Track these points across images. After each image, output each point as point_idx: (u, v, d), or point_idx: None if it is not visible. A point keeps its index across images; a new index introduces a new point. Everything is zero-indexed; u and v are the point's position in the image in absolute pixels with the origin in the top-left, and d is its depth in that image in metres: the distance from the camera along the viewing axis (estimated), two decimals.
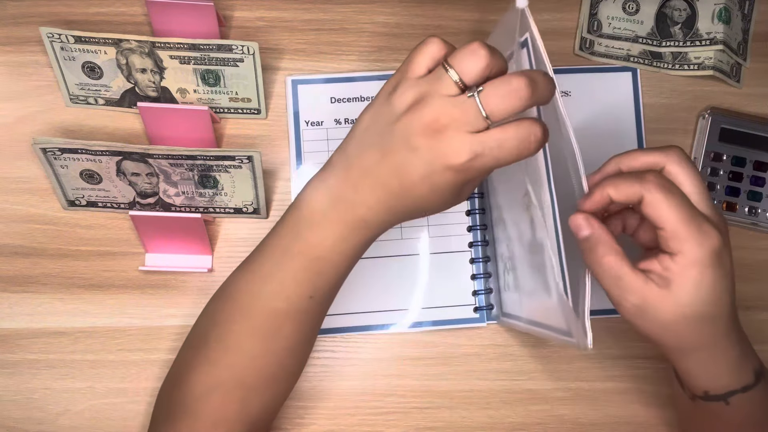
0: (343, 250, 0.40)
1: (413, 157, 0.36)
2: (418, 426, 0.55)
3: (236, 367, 0.42)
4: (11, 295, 0.55)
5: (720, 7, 0.58)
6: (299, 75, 0.58)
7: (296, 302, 0.41)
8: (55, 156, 0.51)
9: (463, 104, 0.35)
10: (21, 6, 0.58)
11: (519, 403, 0.56)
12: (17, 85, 0.57)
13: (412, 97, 0.36)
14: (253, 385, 0.42)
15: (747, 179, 0.57)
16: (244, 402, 0.42)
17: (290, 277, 0.41)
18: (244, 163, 0.51)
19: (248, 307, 0.42)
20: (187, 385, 0.42)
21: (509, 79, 0.35)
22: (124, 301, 0.55)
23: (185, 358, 0.44)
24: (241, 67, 0.53)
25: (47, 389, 0.54)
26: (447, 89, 0.35)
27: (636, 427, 0.55)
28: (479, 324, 0.56)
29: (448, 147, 0.35)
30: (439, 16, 0.59)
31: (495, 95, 0.35)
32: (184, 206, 0.55)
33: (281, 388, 0.45)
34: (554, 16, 0.60)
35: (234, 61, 0.52)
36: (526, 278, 0.48)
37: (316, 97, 0.58)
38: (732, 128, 0.57)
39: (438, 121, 0.35)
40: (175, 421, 0.42)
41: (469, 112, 0.35)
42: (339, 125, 0.57)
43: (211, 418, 0.41)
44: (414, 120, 0.36)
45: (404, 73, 0.38)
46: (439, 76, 0.36)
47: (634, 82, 0.59)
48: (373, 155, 0.37)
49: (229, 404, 0.41)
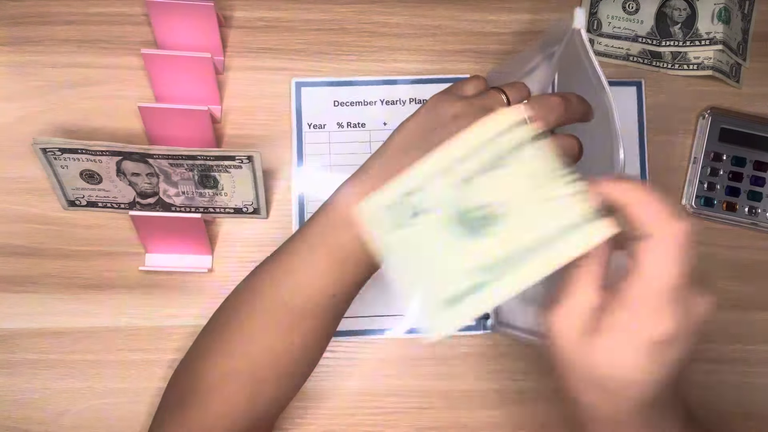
0: (372, 252, 0.40)
1: None
2: (418, 426, 0.55)
3: (252, 357, 0.42)
4: (11, 295, 0.55)
5: (720, 7, 0.58)
6: (303, 77, 0.58)
7: (318, 300, 0.41)
8: (55, 156, 0.51)
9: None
10: (21, 6, 0.58)
11: (519, 403, 0.56)
12: (17, 85, 0.57)
13: (460, 109, 0.39)
14: (266, 378, 0.42)
15: (747, 179, 0.57)
16: (254, 394, 0.42)
17: (315, 274, 0.41)
18: (244, 163, 0.51)
19: (270, 300, 0.42)
20: (201, 372, 0.43)
21: (548, 96, 0.39)
22: (124, 301, 0.55)
23: (202, 345, 0.45)
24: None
25: (47, 389, 0.54)
26: (493, 104, 0.39)
27: None
28: (475, 332, 0.56)
29: None
30: (439, 16, 0.59)
31: (535, 107, 0.38)
32: (184, 206, 0.55)
33: (291, 385, 0.45)
34: (554, 16, 0.60)
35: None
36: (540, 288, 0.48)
37: (320, 99, 0.58)
38: (732, 128, 0.57)
39: None
40: (184, 408, 0.42)
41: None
42: (341, 128, 0.57)
43: (221, 408, 0.42)
44: (460, 127, 0.37)
45: (454, 90, 0.41)
46: (488, 94, 0.40)
47: (639, 96, 0.58)
48: (412, 159, 0.37)
49: (240, 395, 0.42)
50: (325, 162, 0.57)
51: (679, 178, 0.58)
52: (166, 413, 0.44)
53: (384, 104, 0.58)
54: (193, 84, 0.55)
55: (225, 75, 0.58)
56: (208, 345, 0.44)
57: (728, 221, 0.57)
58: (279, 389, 0.44)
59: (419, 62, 0.58)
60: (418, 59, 0.58)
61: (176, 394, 0.44)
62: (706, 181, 0.57)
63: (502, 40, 0.59)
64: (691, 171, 0.58)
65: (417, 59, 0.58)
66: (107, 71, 0.57)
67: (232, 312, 0.44)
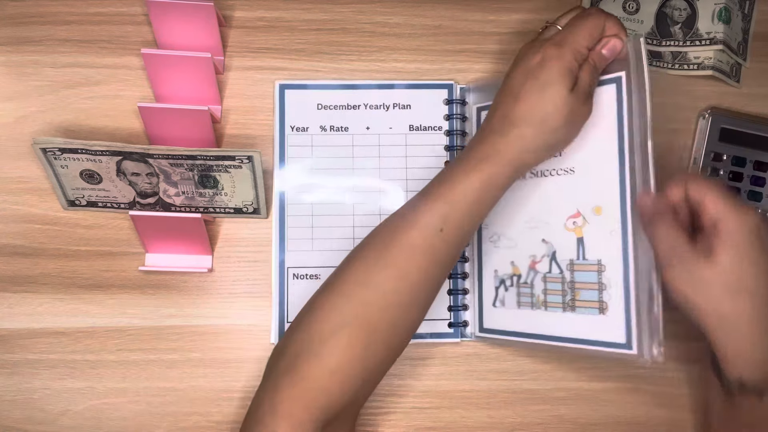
0: (477, 188, 0.45)
1: (534, 83, 0.45)
2: (418, 426, 0.55)
3: (367, 302, 0.43)
4: (11, 295, 0.55)
5: (720, 7, 0.58)
6: (288, 80, 0.58)
7: (427, 235, 0.44)
8: (55, 156, 0.51)
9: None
10: (21, 6, 0.58)
11: (519, 403, 0.56)
12: (17, 85, 0.57)
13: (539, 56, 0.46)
14: (378, 327, 0.43)
15: (747, 179, 0.57)
16: (368, 344, 0.43)
17: (425, 209, 0.45)
18: (244, 163, 0.51)
19: (383, 240, 0.45)
20: (315, 325, 0.43)
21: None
22: (124, 301, 0.55)
23: (317, 298, 0.45)
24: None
25: (47, 389, 0.54)
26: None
27: (636, 427, 0.55)
28: (453, 339, 0.56)
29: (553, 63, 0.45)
30: (439, 16, 0.59)
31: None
32: (184, 206, 0.55)
33: (401, 336, 0.46)
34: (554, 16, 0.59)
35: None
36: (556, 295, 0.50)
37: (303, 102, 0.57)
38: (732, 128, 0.57)
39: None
40: (297, 365, 0.42)
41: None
42: (324, 132, 0.57)
43: (336, 360, 0.42)
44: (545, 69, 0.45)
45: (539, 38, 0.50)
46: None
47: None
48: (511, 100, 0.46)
49: (355, 345, 0.43)
50: (307, 165, 0.57)
51: None
52: (278, 375, 0.43)
53: (367, 108, 0.58)
54: (193, 84, 0.55)
55: (225, 75, 0.58)
56: (324, 297, 0.45)
57: None
58: (390, 338, 0.44)
59: (419, 62, 0.58)
60: (418, 59, 0.58)
61: (288, 353, 0.44)
62: None
63: (502, 40, 0.59)
64: (691, 171, 0.58)
65: (417, 59, 0.58)
66: (107, 71, 0.57)
67: (348, 265, 0.46)
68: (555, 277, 0.50)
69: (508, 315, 0.53)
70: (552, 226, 0.50)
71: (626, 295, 0.46)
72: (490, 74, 0.58)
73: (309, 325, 0.44)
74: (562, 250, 0.50)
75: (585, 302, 0.48)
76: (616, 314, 0.47)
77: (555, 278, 0.50)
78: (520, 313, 0.52)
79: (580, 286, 0.49)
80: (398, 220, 0.46)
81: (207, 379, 0.55)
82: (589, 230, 0.48)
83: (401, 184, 0.57)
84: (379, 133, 0.57)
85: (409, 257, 0.44)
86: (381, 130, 0.57)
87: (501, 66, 0.59)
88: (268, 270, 0.56)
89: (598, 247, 0.48)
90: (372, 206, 0.56)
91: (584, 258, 0.48)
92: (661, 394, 0.56)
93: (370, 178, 0.57)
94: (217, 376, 0.55)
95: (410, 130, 0.57)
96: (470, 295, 0.56)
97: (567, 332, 0.49)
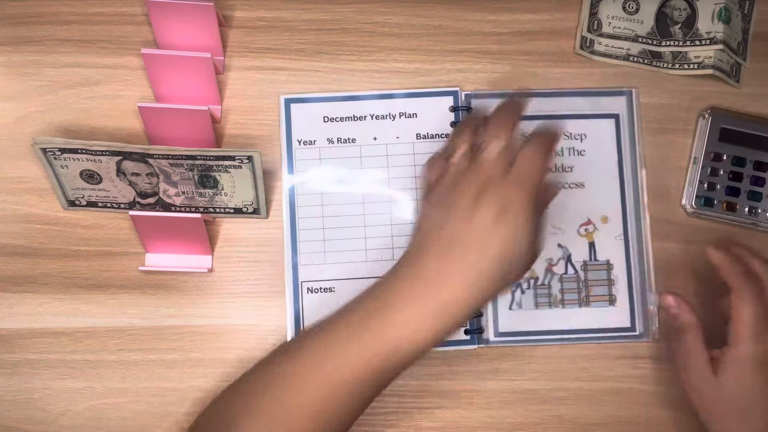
0: (422, 331, 0.43)
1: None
2: (418, 426, 0.55)
3: (282, 423, 0.42)
4: (11, 295, 0.55)
5: (720, 7, 0.58)
6: (293, 93, 0.57)
7: (359, 375, 0.42)
8: (55, 156, 0.51)
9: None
10: (21, 6, 0.58)
11: (519, 403, 0.56)
12: (17, 85, 0.57)
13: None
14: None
15: (747, 179, 0.57)
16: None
17: (360, 350, 0.42)
18: (244, 163, 0.51)
19: (311, 367, 0.43)
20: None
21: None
22: (124, 301, 0.55)
23: (233, 405, 0.44)
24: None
25: (47, 389, 0.54)
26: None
27: (636, 427, 0.55)
28: (469, 346, 0.56)
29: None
30: (439, 16, 0.59)
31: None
32: (184, 206, 0.55)
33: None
34: (554, 16, 0.60)
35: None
36: (571, 293, 0.57)
37: (310, 115, 0.57)
38: (732, 128, 0.57)
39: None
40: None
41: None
42: (332, 144, 0.57)
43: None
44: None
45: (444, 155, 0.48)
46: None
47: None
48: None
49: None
50: (316, 178, 0.57)
51: (679, 179, 0.58)
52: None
53: (374, 119, 0.57)
54: (193, 84, 0.55)
55: (225, 75, 0.58)
56: (241, 405, 0.43)
57: (728, 221, 0.57)
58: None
59: (419, 62, 0.58)
60: (418, 59, 0.58)
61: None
62: (706, 181, 0.57)
63: (502, 40, 0.59)
64: (691, 171, 0.58)
65: (417, 59, 0.58)
66: (107, 71, 0.57)
67: (269, 374, 0.44)
68: (571, 278, 0.56)
69: (526, 316, 0.56)
70: (566, 232, 0.57)
71: (629, 288, 0.56)
72: (490, 74, 0.58)
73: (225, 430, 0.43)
74: (576, 253, 0.56)
75: (598, 297, 0.56)
76: (623, 304, 0.56)
77: (571, 278, 0.56)
78: (539, 313, 0.56)
79: (593, 283, 0.56)
80: (330, 345, 0.43)
81: (207, 379, 0.55)
82: (599, 236, 0.57)
83: (411, 193, 0.57)
84: (387, 143, 0.57)
85: (334, 394, 0.43)
86: (388, 140, 0.57)
87: (501, 66, 0.59)
88: (268, 270, 0.56)
89: (607, 249, 0.57)
90: (383, 217, 0.56)
91: (596, 259, 0.56)
92: (661, 394, 0.56)
93: (379, 188, 0.57)
94: (217, 376, 0.55)
95: (417, 138, 0.57)
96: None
97: (583, 324, 0.56)
